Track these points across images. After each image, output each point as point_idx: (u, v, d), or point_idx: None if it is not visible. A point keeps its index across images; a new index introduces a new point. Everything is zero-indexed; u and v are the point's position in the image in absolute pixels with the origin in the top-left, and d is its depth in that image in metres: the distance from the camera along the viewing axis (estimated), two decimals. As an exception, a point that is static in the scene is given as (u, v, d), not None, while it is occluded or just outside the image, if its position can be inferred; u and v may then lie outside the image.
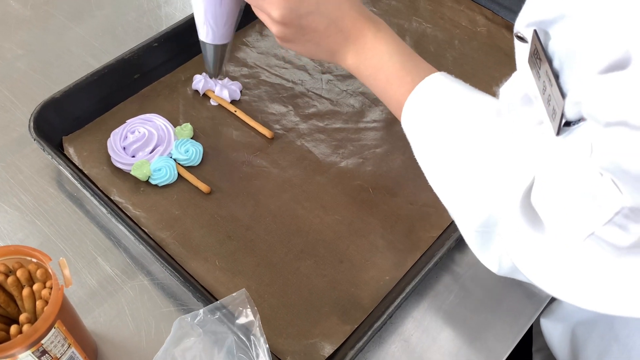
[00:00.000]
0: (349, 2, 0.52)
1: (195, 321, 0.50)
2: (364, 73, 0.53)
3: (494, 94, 0.48)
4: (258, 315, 0.50)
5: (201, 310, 0.51)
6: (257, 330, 0.50)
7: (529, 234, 0.40)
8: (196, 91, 0.73)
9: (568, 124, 0.36)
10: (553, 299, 0.63)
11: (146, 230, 0.61)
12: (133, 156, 0.66)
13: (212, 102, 0.72)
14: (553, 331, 0.70)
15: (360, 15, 0.52)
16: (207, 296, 0.56)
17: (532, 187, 0.40)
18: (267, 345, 0.49)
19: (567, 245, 0.37)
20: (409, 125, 0.51)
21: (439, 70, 0.52)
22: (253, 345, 0.49)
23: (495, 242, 0.45)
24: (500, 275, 0.60)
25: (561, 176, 0.36)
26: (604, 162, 0.33)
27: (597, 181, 0.33)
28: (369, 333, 0.53)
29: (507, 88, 0.43)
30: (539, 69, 0.37)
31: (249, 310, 0.51)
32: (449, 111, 0.48)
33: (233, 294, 0.51)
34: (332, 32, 0.52)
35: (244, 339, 0.50)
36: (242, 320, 0.51)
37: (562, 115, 0.35)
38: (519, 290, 0.61)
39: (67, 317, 0.47)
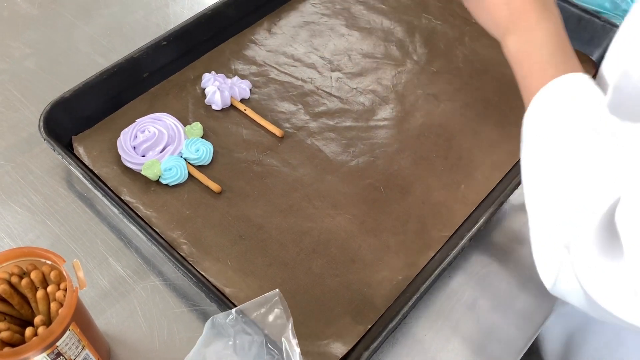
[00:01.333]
0: None
1: (227, 321, 0.50)
2: (514, 56, 0.52)
3: (506, 93, 0.47)
4: (291, 318, 0.50)
5: (233, 310, 0.51)
6: (289, 333, 0.49)
7: (601, 261, 0.38)
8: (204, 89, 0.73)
9: None
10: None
11: (157, 230, 0.61)
12: (143, 155, 0.66)
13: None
14: (547, 333, 0.70)
15: None
16: (219, 296, 0.55)
17: (616, 206, 0.38)
18: (299, 349, 0.49)
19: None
20: (529, 120, 0.48)
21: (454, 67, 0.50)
22: (284, 348, 0.49)
23: (559, 261, 0.43)
24: (514, 274, 0.60)
25: None
26: None
27: None
28: (384, 334, 0.53)
29: (627, 67, 0.41)
30: None
31: (282, 311, 0.50)
32: (565, 117, 0.45)
33: (266, 294, 0.51)
34: (501, 6, 0.52)
35: (275, 341, 0.50)
36: (274, 321, 0.50)
37: None
38: (532, 291, 0.60)
39: (81, 318, 0.46)
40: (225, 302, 0.55)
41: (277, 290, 0.51)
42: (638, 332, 0.55)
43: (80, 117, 0.68)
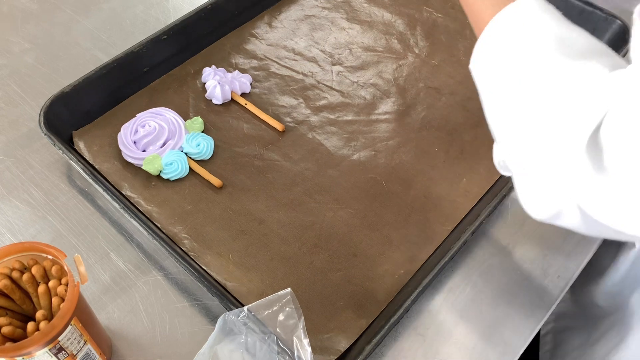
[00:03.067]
0: None
1: (239, 318, 0.50)
2: None
3: None
4: (303, 317, 0.50)
5: (245, 308, 0.51)
6: (300, 332, 0.49)
7: (593, 176, 0.38)
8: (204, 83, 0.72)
9: None
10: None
11: (158, 225, 0.61)
12: (144, 150, 0.66)
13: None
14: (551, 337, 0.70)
15: None
16: (221, 291, 0.55)
17: (600, 125, 0.38)
18: (310, 348, 0.49)
19: (632, 181, 0.36)
20: (484, 52, 0.47)
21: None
22: (295, 346, 0.49)
23: (543, 188, 0.42)
24: (517, 268, 0.60)
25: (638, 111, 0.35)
26: None
27: None
28: (386, 327, 0.53)
29: None
30: None
31: (294, 310, 0.50)
32: (524, 47, 0.44)
33: (278, 292, 0.51)
34: None
35: (287, 340, 0.50)
36: (286, 320, 0.50)
37: None
38: (534, 283, 0.60)
39: (82, 313, 0.46)
40: (226, 297, 0.55)
41: (289, 289, 0.51)
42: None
43: (80, 112, 0.68)
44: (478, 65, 0.47)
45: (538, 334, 0.73)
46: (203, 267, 0.58)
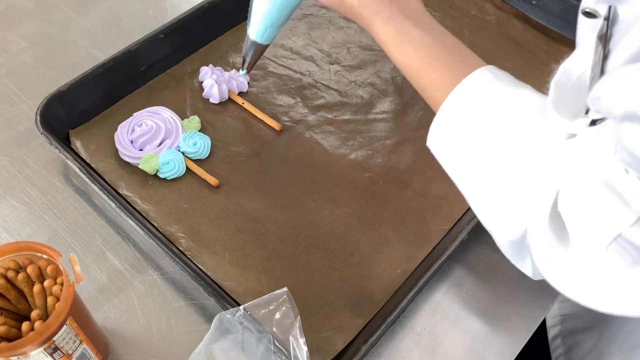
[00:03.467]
0: None
1: (235, 317, 0.50)
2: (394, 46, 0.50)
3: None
4: (299, 317, 0.50)
5: (241, 307, 0.50)
6: (296, 331, 0.49)
7: (556, 248, 0.39)
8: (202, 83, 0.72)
9: (594, 122, 0.35)
10: None
11: (155, 224, 0.61)
12: (141, 149, 0.65)
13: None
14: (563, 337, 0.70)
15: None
16: (217, 290, 0.55)
17: (558, 196, 0.39)
18: (307, 348, 0.49)
19: (590, 255, 0.36)
20: (439, 135, 0.48)
21: None
22: (292, 346, 0.49)
23: (529, 251, 0.44)
24: (514, 267, 0.60)
25: (588, 178, 0.36)
26: (626, 159, 0.32)
27: (624, 179, 0.32)
28: (382, 327, 0.53)
29: (566, 65, 0.41)
30: (598, 47, 0.36)
31: (290, 310, 0.50)
32: (482, 118, 0.45)
33: (275, 292, 0.51)
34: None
35: (283, 339, 0.50)
36: (282, 320, 0.50)
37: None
38: (532, 282, 0.60)
39: (78, 313, 0.46)
40: (223, 296, 0.55)
41: (286, 288, 0.51)
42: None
43: (77, 110, 0.67)
44: (435, 144, 0.48)
45: (547, 339, 0.73)
46: (199, 266, 0.58)
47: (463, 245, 0.61)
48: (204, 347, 0.49)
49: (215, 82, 0.70)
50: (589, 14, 0.38)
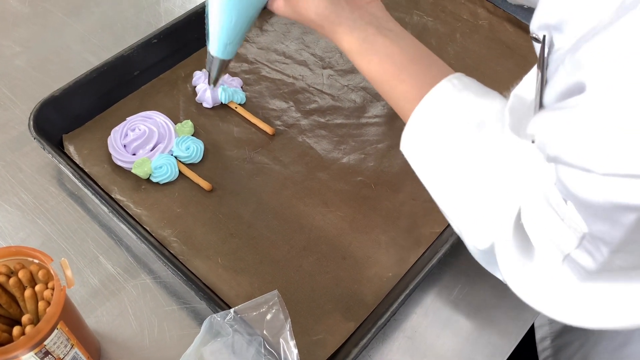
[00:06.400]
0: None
1: (226, 320, 0.50)
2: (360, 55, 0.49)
3: (498, 89, 0.47)
4: (289, 319, 0.50)
5: (232, 310, 0.51)
6: (287, 334, 0.49)
7: (519, 260, 0.40)
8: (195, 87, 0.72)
9: None
10: None
11: (148, 229, 0.61)
12: (134, 154, 0.66)
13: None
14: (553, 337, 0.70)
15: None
16: (209, 294, 0.55)
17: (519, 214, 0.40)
18: (297, 350, 0.49)
19: (549, 269, 0.37)
20: (408, 139, 0.49)
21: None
22: (282, 348, 0.49)
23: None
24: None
25: (542, 200, 0.36)
26: (562, 191, 0.33)
27: (564, 207, 0.33)
28: (373, 330, 0.53)
29: (517, 91, 0.42)
30: (538, 74, 0.37)
31: (281, 312, 0.50)
32: (448, 131, 0.45)
33: (266, 295, 0.51)
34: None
35: (273, 342, 0.50)
36: (272, 322, 0.50)
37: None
38: (522, 286, 0.60)
39: (69, 317, 0.46)
40: (215, 300, 0.55)
41: (276, 291, 0.51)
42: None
43: (70, 115, 0.68)
44: (408, 149, 0.49)
45: (534, 340, 0.73)
46: (192, 270, 0.58)
47: (454, 249, 0.61)
48: (194, 350, 0.49)
49: (208, 86, 0.70)
50: (535, 39, 0.39)
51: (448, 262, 0.61)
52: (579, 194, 0.31)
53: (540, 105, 0.35)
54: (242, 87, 0.73)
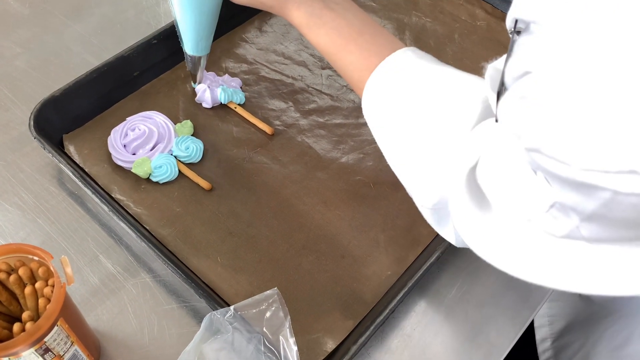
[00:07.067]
0: None
1: (225, 317, 0.50)
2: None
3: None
4: (289, 317, 0.50)
5: (232, 307, 0.51)
6: (286, 331, 0.50)
7: (475, 213, 0.40)
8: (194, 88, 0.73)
9: None
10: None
11: (148, 228, 0.61)
12: (134, 154, 0.66)
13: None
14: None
15: None
16: (209, 293, 0.56)
17: (476, 165, 0.40)
18: (297, 347, 0.49)
19: (511, 224, 0.37)
20: (368, 104, 0.50)
21: None
22: (282, 346, 0.49)
23: (450, 218, 0.45)
24: (500, 270, 0.60)
25: (505, 162, 0.37)
26: (533, 165, 0.33)
27: (533, 175, 0.34)
28: (372, 328, 0.53)
29: (496, 63, 0.42)
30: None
31: (280, 310, 0.51)
32: (407, 90, 0.47)
33: (266, 292, 0.51)
34: None
35: (273, 339, 0.50)
36: (272, 319, 0.51)
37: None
38: (521, 284, 0.60)
39: (69, 314, 0.47)
40: (214, 299, 0.55)
41: (276, 288, 0.52)
42: None
43: (70, 115, 0.68)
44: (368, 108, 0.50)
45: (534, 340, 0.73)
46: (191, 269, 0.59)
47: (452, 248, 0.61)
48: (194, 347, 0.49)
49: (207, 87, 0.71)
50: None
51: (446, 261, 0.62)
52: (555, 172, 0.31)
53: (502, 84, 0.35)
54: (241, 88, 0.74)
